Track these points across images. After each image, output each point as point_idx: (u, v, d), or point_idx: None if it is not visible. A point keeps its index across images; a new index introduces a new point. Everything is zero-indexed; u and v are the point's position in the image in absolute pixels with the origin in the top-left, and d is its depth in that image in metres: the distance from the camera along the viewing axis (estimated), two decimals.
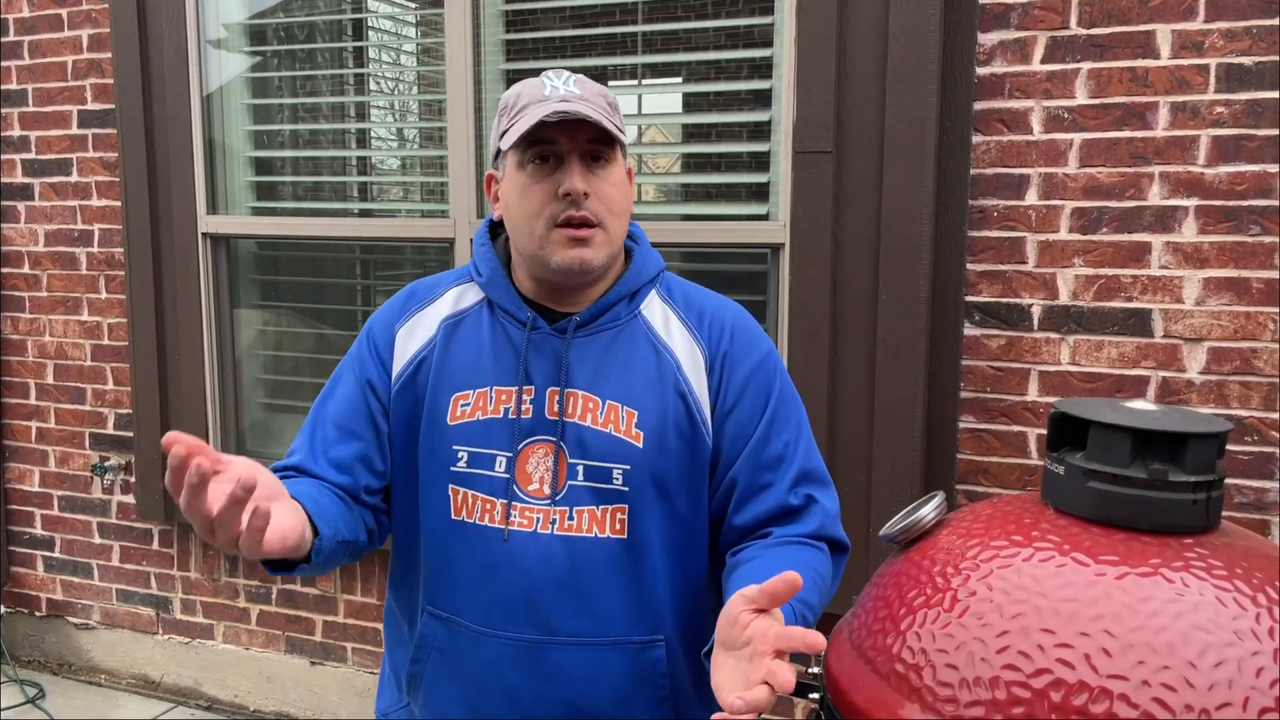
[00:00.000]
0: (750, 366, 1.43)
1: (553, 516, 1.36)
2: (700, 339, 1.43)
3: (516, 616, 1.38)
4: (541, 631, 1.37)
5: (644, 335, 1.42)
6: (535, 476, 1.37)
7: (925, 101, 2.43)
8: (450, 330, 1.45)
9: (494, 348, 1.42)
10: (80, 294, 3.54)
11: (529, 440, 1.38)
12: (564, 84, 1.35)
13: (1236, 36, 2.28)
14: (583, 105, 1.30)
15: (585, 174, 1.33)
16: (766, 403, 1.43)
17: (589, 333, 1.40)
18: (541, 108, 1.30)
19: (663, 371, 1.40)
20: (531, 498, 1.37)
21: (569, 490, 1.37)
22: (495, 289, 1.44)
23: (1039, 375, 2.51)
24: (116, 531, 3.64)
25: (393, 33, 3.58)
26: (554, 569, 1.36)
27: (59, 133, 3.48)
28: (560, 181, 1.32)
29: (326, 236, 3.27)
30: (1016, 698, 0.88)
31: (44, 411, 3.67)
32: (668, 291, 1.48)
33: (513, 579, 1.37)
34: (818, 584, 1.36)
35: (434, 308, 1.48)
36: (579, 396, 1.38)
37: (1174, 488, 0.96)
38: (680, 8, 2.79)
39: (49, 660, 3.86)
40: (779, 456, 1.42)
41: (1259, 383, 2.35)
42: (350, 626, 3.36)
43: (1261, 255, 2.32)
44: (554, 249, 1.34)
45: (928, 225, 2.46)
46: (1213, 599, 0.89)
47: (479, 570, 1.38)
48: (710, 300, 1.49)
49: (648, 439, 1.36)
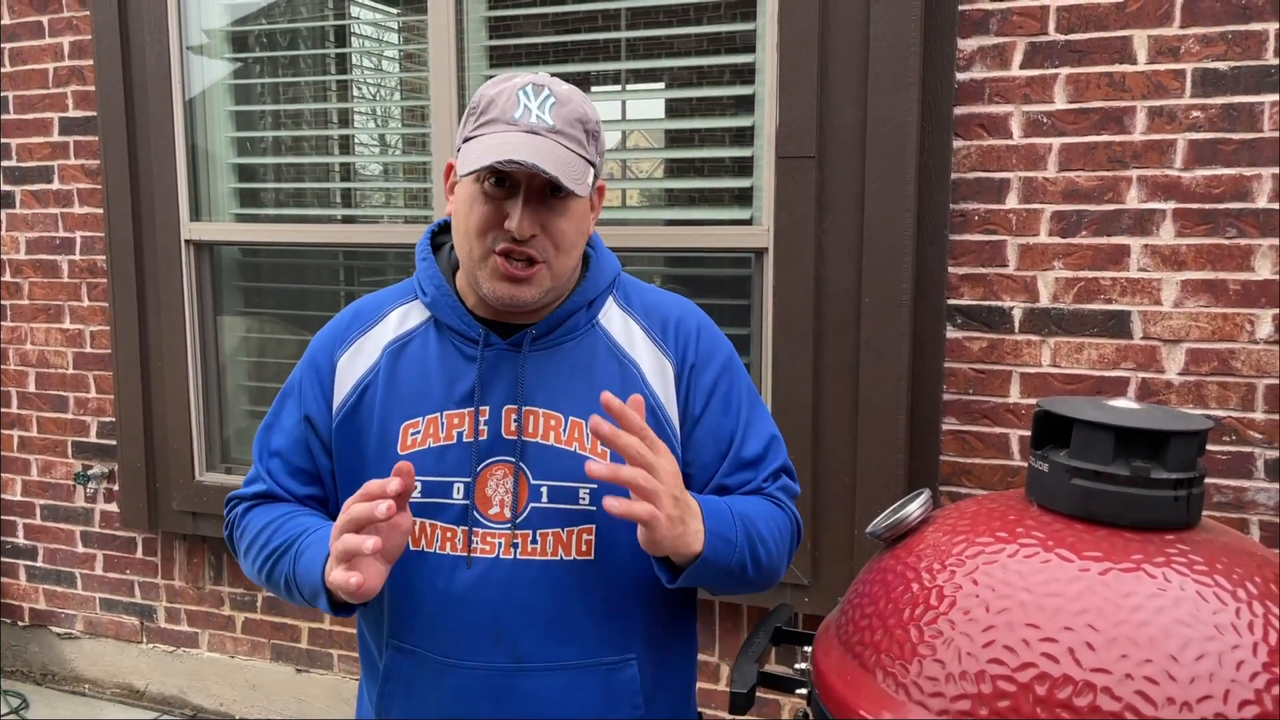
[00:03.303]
0: (715, 371, 1.41)
1: (514, 540, 1.32)
2: (667, 350, 1.39)
3: (483, 645, 1.33)
4: (510, 659, 1.33)
5: (604, 346, 1.38)
6: (495, 500, 1.32)
7: (906, 106, 2.45)
8: (395, 355, 1.39)
9: (443, 369, 1.36)
10: (62, 301, 3.52)
11: (487, 462, 1.33)
12: (538, 107, 1.25)
13: (1212, 41, 2.31)
14: (548, 144, 1.23)
15: (535, 212, 1.25)
16: (739, 407, 1.42)
17: (545, 345, 1.35)
18: (504, 138, 1.23)
19: (627, 384, 1.35)
20: (492, 522, 1.32)
21: (530, 512, 1.32)
22: (442, 309, 1.38)
23: (1020, 377, 2.53)
24: (100, 540, 3.62)
25: (375, 38, 3.58)
26: (519, 595, 1.32)
27: (40, 140, 3.47)
28: (509, 212, 1.24)
29: (310, 243, 3.26)
30: (1002, 691, 0.89)
31: (26, 420, 3.65)
32: (625, 298, 1.43)
33: (477, 607, 1.32)
34: (769, 522, 1.37)
35: (377, 331, 1.43)
36: (539, 414, 1.33)
37: (1156, 484, 0.97)
38: (663, 13, 2.80)
39: (32, 670, 3.83)
40: (759, 456, 1.43)
41: (1237, 383, 2.38)
42: (336, 633, 3.35)
43: (1238, 257, 2.34)
44: (488, 277, 1.29)
45: (909, 229, 2.48)
46: (1194, 594, 0.90)
47: (441, 600, 1.34)
48: (671, 306, 1.45)
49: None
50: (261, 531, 1.42)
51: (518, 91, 1.26)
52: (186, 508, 3.34)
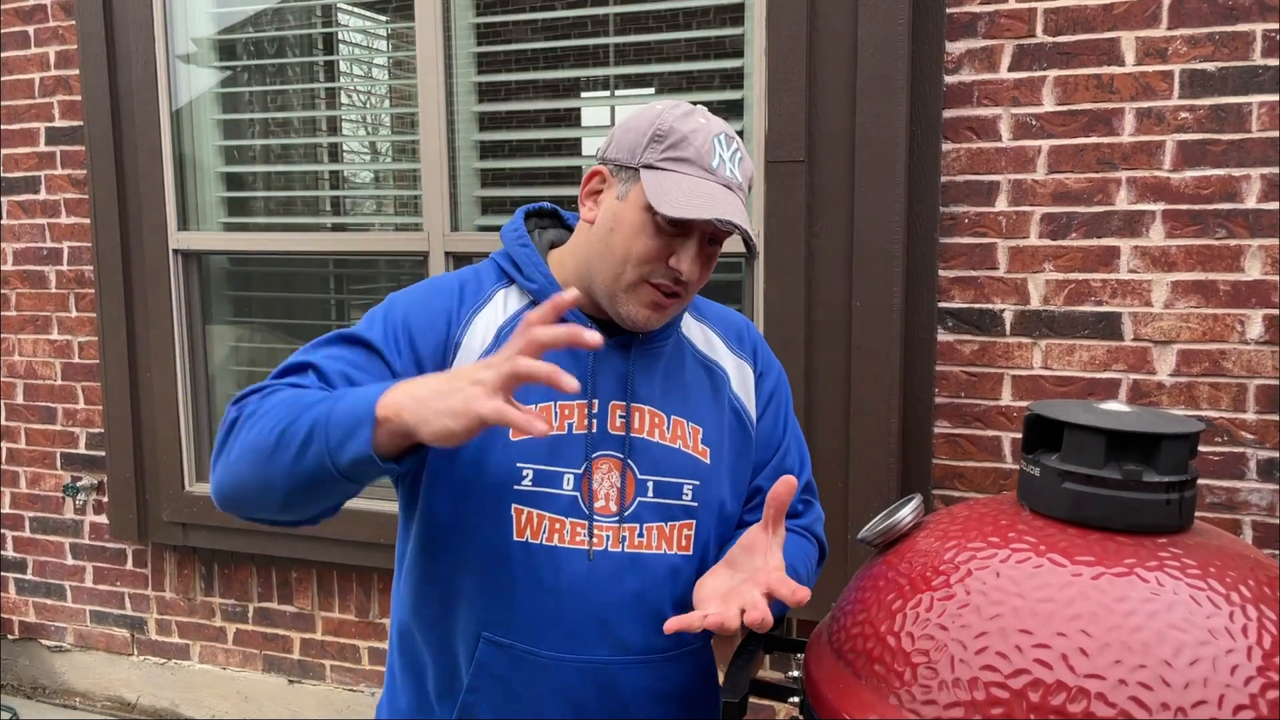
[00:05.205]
0: (774, 381, 1.50)
1: (623, 534, 1.33)
2: (744, 356, 1.48)
3: (589, 638, 1.33)
4: (615, 651, 1.34)
5: (691, 354, 1.44)
6: (602, 494, 1.33)
7: (895, 110, 2.45)
8: (508, 339, 1.32)
9: (552, 359, 1.29)
10: (50, 312, 3.50)
11: (595, 455, 1.33)
12: (731, 160, 1.28)
13: (1199, 43, 2.31)
14: (737, 202, 1.27)
15: (701, 259, 1.29)
16: (786, 417, 1.51)
17: (648, 349, 1.38)
18: (706, 189, 1.25)
19: (716, 387, 1.43)
20: (600, 515, 1.33)
21: (637, 506, 1.34)
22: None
23: (1012, 379, 2.53)
24: (89, 552, 3.60)
25: (364, 46, 3.57)
26: (627, 587, 1.33)
27: (26, 150, 3.45)
28: (677, 252, 1.26)
29: (299, 251, 3.25)
30: (995, 698, 0.89)
31: (14, 432, 3.63)
32: (697, 311, 1.49)
33: (588, 599, 1.32)
34: (806, 564, 1.46)
35: (488, 311, 1.37)
36: (645, 412, 1.36)
37: (1148, 488, 0.97)
38: (651, 19, 2.80)
39: (22, 683, 3.80)
40: (795, 469, 1.51)
41: (1228, 384, 2.38)
42: (328, 644, 3.33)
43: (1228, 258, 2.35)
44: (633, 301, 1.30)
45: (899, 232, 2.48)
46: (1187, 598, 0.90)
47: (548, 593, 1.32)
48: (737, 317, 1.54)
49: (713, 454, 1.38)
50: (289, 399, 1.20)
51: (713, 139, 1.28)
52: (176, 519, 3.32)
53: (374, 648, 3.28)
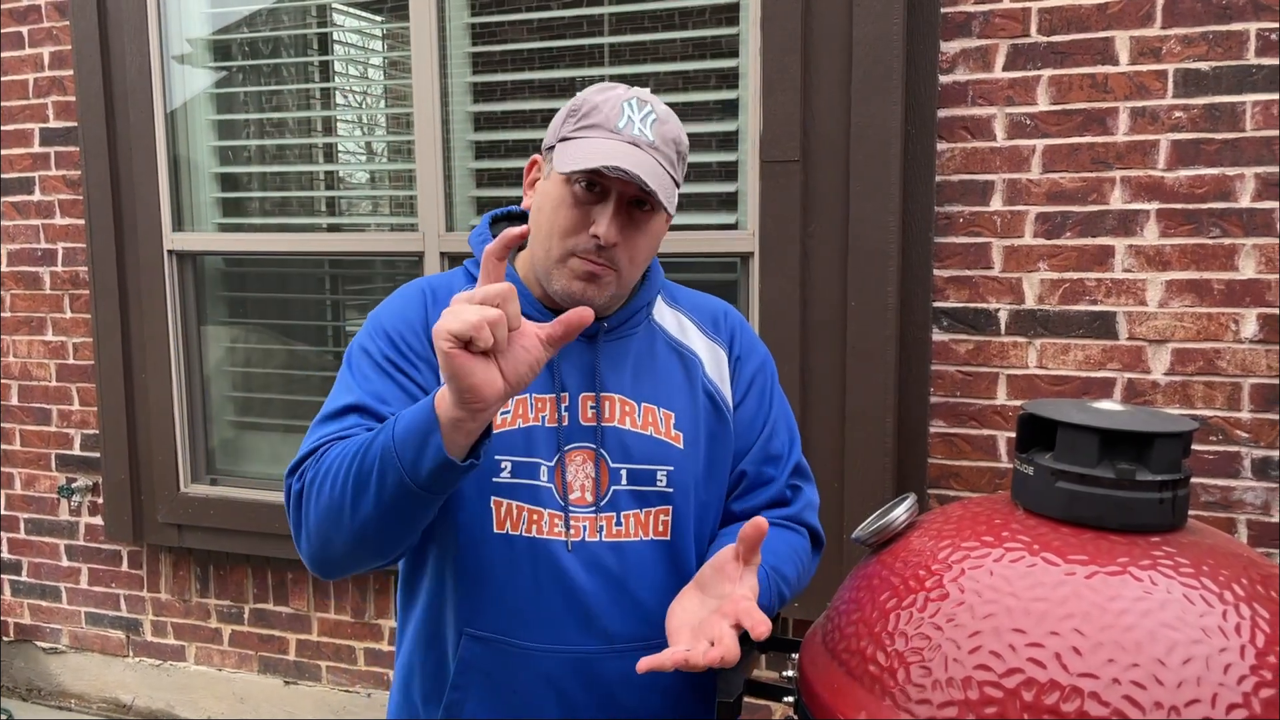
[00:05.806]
0: (755, 364, 1.49)
1: (600, 523, 1.34)
2: (719, 340, 1.47)
3: (571, 629, 1.34)
4: (600, 641, 1.34)
5: (662, 341, 1.44)
6: (577, 485, 1.34)
7: (890, 110, 2.45)
8: None
9: None
10: (44, 313, 3.50)
11: (568, 447, 1.35)
12: (641, 120, 1.29)
13: (1193, 42, 2.32)
14: (647, 158, 1.25)
15: (623, 223, 1.28)
16: (771, 399, 1.49)
17: (615, 338, 1.40)
18: (606, 146, 1.25)
19: (689, 373, 1.42)
20: (576, 506, 1.34)
21: (612, 495, 1.35)
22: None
23: (1007, 379, 2.53)
24: (85, 553, 3.60)
25: (359, 46, 3.57)
26: (607, 576, 1.34)
27: (20, 151, 3.44)
28: (596, 219, 1.27)
29: (294, 252, 3.25)
30: (989, 697, 0.89)
31: (9, 433, 3.62)
32: (672, 298, 1.50)
33: (570, 590, 1.33)
34: (795, 561, 1.44)
35: None
36: (615, 400, 1.37)
37: (1141, 487, 0.97)
38: (647, 19, 2.80)
39: (17, 685, 3.79)
40: (781, 453, 1.49)
41: (1222, 382, 2.38)
42: (324, 645, 3.33)
43: (1222, 257, 2.35)
44: (564, 275, 1.30)
45: (894, 232, 2.48)
46: (1180, 597, 0.90)
47: (528, 584, 1.33)
48: (715, 301, 1.53)
49: (687, 439, 1.38)
50: (345, 449, 1.23)
51: (622, 102, 1.30)
52: (172, 520, 3.31)
53: (369, 649, 3.28)
